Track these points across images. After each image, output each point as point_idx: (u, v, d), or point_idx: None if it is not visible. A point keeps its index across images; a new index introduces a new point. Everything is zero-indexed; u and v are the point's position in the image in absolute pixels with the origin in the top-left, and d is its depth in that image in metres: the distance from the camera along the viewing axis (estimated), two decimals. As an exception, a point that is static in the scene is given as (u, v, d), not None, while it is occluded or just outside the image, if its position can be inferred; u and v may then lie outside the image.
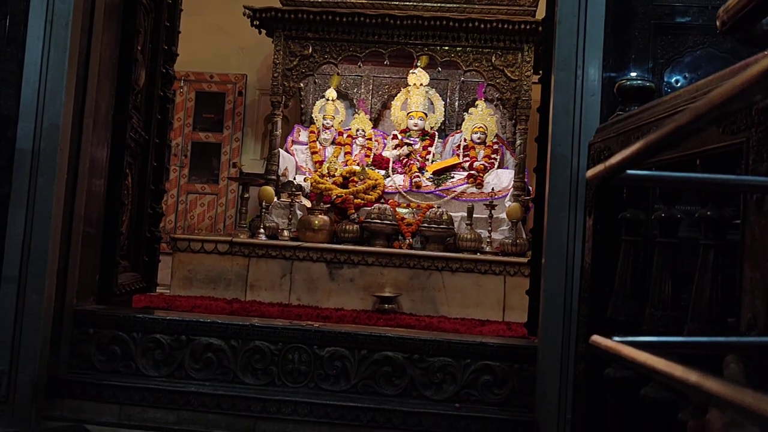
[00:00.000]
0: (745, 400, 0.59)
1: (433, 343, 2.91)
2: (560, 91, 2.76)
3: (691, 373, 0.71)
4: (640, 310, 1.86)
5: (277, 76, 6.45)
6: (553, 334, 2.66)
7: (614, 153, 2.11)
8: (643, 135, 1.82)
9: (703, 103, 0.72)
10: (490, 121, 6.74)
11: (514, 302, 4.94)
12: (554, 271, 2.70)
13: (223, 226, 7.85)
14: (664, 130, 0.80)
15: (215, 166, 8.07)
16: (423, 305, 5.09)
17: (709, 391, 0.67)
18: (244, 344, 2.97)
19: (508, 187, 6.17)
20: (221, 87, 8.12)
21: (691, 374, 0.71)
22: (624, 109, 2.25)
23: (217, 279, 5.24)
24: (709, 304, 1.50)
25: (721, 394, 0.64)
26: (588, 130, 2.61)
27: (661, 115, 1.73)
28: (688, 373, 0.72)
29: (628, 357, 0.93)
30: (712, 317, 1.49)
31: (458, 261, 5.17)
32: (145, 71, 3.80)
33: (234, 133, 8.04)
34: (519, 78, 6.26)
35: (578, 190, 2.62)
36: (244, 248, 5.28)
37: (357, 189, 6.06)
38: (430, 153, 6.77)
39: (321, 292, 5.15)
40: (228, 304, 4.49)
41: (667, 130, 0.79)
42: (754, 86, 0.61)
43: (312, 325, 3.03)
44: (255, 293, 5.18)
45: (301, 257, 5.22)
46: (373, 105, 7.49)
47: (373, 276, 5.17)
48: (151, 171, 3.97)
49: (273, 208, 5.98)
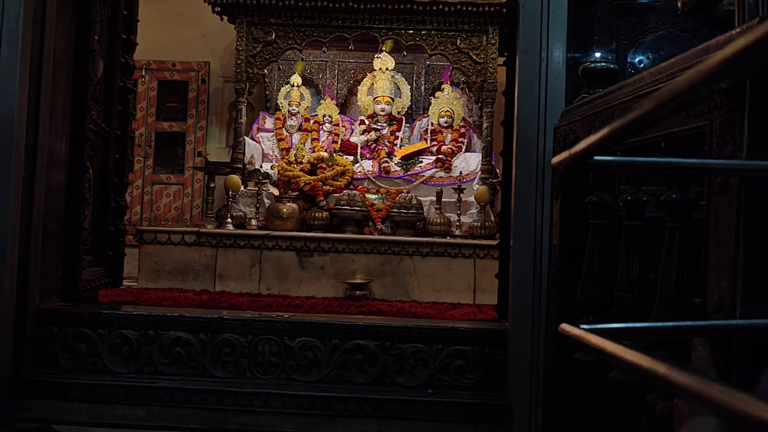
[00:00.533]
0: (713, 394, 0.59)
1: (404, 330, 2.91)
2: (525, 73, 2.75)
3: (659, 364, 0.70)
4: (609, 293, 1.87)
5: (240, 63, 6.36)
6: (523, 318, 2.67)
7: (579, 137, 2.11)
8: (607, 119, 1.82)
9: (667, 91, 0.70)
10: (456, 105, 6.73)
11: (485, 284, 4.96)
12: (523, 255, 2.71)
13: (190, 216, 7.76)
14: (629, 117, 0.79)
15: (180, 155, 7.96)
16: (395, 290, 5.09)
17: (677, 383, 0.66)
18: (214, 337, 2.93)
19: (475, 171, 6.17)
20: (184, 75, 7.98)
21: (658, 365, 0.70)
22: (589, 92, 2.25)
23: (185, 270, 5.17)
24: (675, 286, 1.51)
25: (689, 387, 0.63)
26: (554, 112, 2.61)
27: (626, 98, 1.73)
28: (656, 364, 0.71)
29: (596, 346, 0.92)
30: (679, 299, 1.49)
31: (428, 245, 5.17)
32: (104, 61, 3.71)
33: (198, 121, 7.92)
34: (484, 61, 6.25)
35: (545, 173, 2.62)
36: (212, 238, 5.21)
37: (325, 175, 6.02)
38: (397, 138, 6.74)
39: (291, 280, 5.12)
40: (197, 296, 4.43)
41: (631, 117, 0.78)
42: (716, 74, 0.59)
43: (282, 316, 3.00)
44: (224, 284, 5.13)
45: (270, 246, 5.17)
46: (339, 90, 7.43)
47: (344, 263, 5.15)
48: (113, 163, 3.89)
49: (240, 197, 5.91)
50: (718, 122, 1.27)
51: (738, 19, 1.55)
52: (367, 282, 5.03)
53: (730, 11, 1.64)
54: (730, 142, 1.24)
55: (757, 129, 1.20)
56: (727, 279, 1.26)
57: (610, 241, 1.96)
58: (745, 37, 0.57)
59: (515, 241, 2.74)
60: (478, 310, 4.22)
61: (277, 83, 7.35)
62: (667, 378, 0.68)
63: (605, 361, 0.94)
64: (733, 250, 1.24)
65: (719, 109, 1.27)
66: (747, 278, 1.21)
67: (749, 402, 0.53)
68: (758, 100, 1.20)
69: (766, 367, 0.78)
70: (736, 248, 1.23)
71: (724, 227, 1.27)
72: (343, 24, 6.38)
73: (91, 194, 3.59)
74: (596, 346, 0.91)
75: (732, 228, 1.24)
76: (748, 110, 1.20)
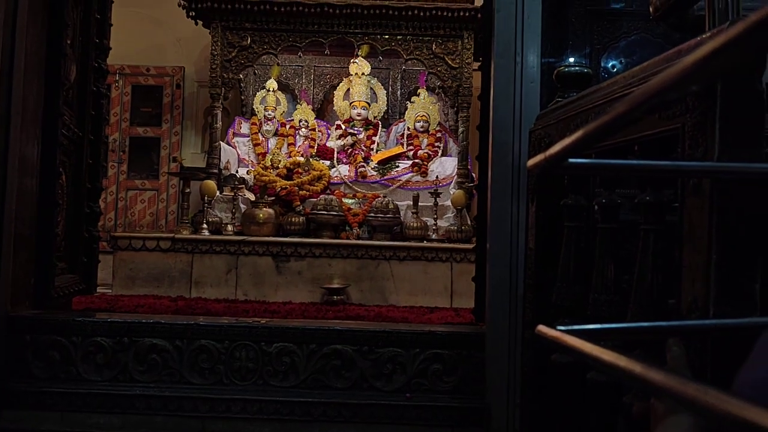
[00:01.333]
0: (688, 392, 0.59)
1: (382, 335, 2.91)
2: (500, 78, 2.77)
3: (635, 364, 0.71)
4: (585, 295, 1.88)
5: (215, 67, 6.31)
6: (499, 321, 2.68)
7: (554, 140, 2.13)
8: (581, 122, 1.84)
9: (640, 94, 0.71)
10: (432, 110, 6.75)
11: (462, 288, 4.97)
12: (499, 258, 2.72)
13: (165, 222, 7.68)
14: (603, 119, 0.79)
15: (155, 161, 7.88)
16: (372, 295, 5.08)
17: (653, 382, 0.66)
18: (190, 344, 2.90)
19: (452, 175, 6.20)
20: (158, 80, 7.92)
21: (635, 365, 0.71)
22: (563, 96, 2.27)
23: (160, 277, 5.12)
24: (650, 288, 1.53)
25: (665, 386, 0.64)
26: (529, 116, 2.63)
27: (599, 102, 1.75)
28: (632, 364, 0.72)
29: (573, 347, 0.93)
30: (653, 300, 1.51)
31: (405, 249, 5.17)
32: (76, 66, 3.66)
33: (173, 126, 7.86)
34: (460, 65, 6.28)
35: (520, 176, 2.64)
36: (187, 244, 5.17)
37: (302, 180, 6.00)
38: (374, 143, 6.74)
39: (268, 286, 5.09)
40: (172, 302, 4.39)
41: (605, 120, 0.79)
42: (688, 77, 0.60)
43: (259, 322, 2.98)
44: (200, 290, 5.09)
45: (246, 251, 5.14)
46: (315, 95, 7.42)
47: (321, 268, 5.14)
48: (87, 168, 3.84)
49: (216, 202, 5.87)
50: (690, 125, 1.29)
51: (708, 23, 1.57)
52: (344, 287, 5.02)
53: (701, 16, 1.66)
54: (702, 144, 1.26)
55: (727, 131, 1.22)
56: (701, 280, 1.28)
57: (585, 244, 1.98)
58: (716, 40, 0.58)
59: (492, 244, 2.76)
60: (455, 314, 4.23)
61: (253, 88, 7.31)
62: (644, 377, 0.68)
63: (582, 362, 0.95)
64: (706, 252, 1.25)
65: (691, 112, 1.29)
66: (720, 279, 1.23)
67: (724, 399, 0.54)
68: (729, 103, 1.22)
69: (740, 365, 0.79)
70: (709, 250, 1.25)
71: (697, 229, 1.29)
72: (319, 29, 6.37)
73: (64, 200, 3.54)
74: (573, 347, 0.92)
75: (705, 230, 1.26)
76: (719, 113, 1.22)
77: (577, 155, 1.04)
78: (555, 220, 2.15)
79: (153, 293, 5.00)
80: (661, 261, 1.51)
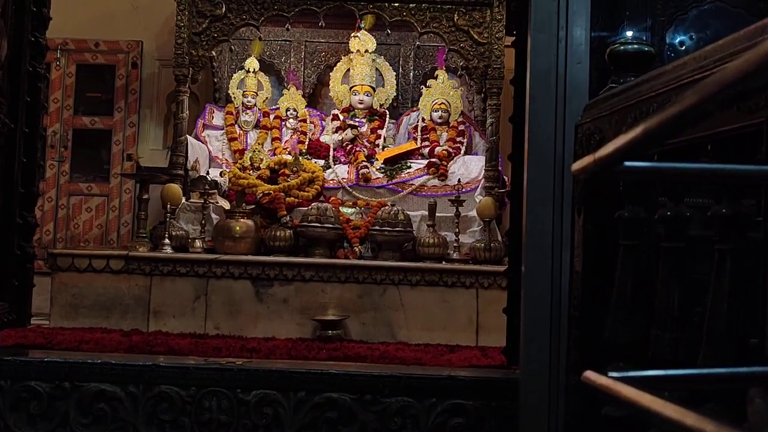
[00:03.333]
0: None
1: (389, 380, 2.91)
2: (539, 57, 2.77)
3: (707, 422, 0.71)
4: (644, 331, 1.88)
5: (181, 42, 6.34)
6: (537, 363, 2.68)
7: (606, 137, 2.13)
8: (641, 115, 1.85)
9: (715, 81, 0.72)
10: (453, 96, 6.77)
11: (490, 322, 4.95)
12: (537, 284, 2.72)
13: (117, 236, 7.70)
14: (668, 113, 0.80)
15: (105, 159, 7.90)
16: (376, 329, 5.07)
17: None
18: (147, 390, 2.91)
19: (478, 178, 6.20)
20: (110, 58, 7.95)
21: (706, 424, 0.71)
22: (618, 81, 2.28)
23: (110, 305, 5.12)
24: (727, 322, 1.53)
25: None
26: (575, 106, 2.63)
27: (664, 89, 1.75)
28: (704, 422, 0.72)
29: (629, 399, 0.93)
30: (731, 339, 1.51)
31: (419, 272, 5.16)
32: (8, 40, 3.69)
33: (128, 116, 7.89)
34: (488, 41, 6.29)
35: (564, 182, 2.64)
36: (145, 264, 5.17)
37: (289, 184, 6.01)
38: (380, 137, 6.76)
39: (246, 317, 5.09)
40: (126, 338, 4.39)
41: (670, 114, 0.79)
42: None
43: (234, 363, 2.99)
44: (160, 322, 5.09)
45: (218, 274, 5.14)
46: (306, 78, 7.44)
47: (312, 295, 5.13)
48: (20, 168, 3.87)
49: (181, 211, 5.89)
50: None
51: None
52: (341, 319, 5.01)
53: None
54: (792, 143, 1.26)
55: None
56: (791, 314, 1.27)
57: (645, 267, 1.98)
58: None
59: (528, 266, 2.75)
60: (481, 354, 4.22)
61: (228, 69, 7.34)
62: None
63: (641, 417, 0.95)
64: (797, 278, 1.25)
65: (779, 103, 1.29)
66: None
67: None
68: (826, 92, 1.22)
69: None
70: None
71: (786, 249, 1.29)
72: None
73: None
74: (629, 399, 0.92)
75: (796, 250, 1.26)
76: (814, 104, 1.22)
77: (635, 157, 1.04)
78: (607, 236, 2.15)
79: (101, 326, 4.99)
80: (740, 289, 1.51)
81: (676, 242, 1.76)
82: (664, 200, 1.86)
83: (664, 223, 1.77)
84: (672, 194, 1.79)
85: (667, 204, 1.78)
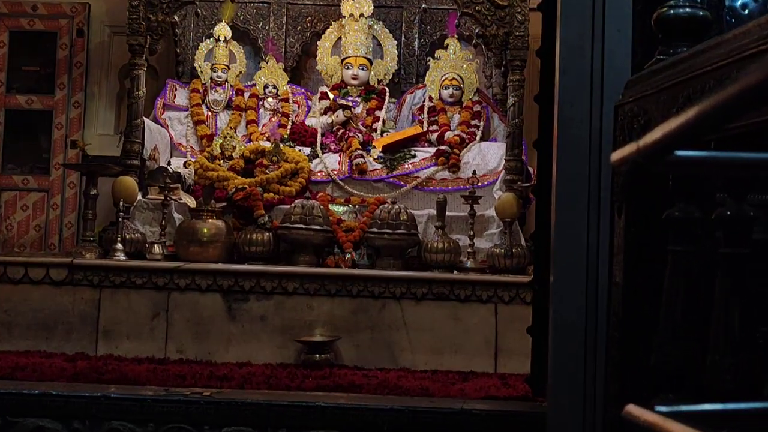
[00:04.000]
0: None
1: (389, 414, 2.91)
2: (571, 23, 2.78)
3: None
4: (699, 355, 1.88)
5: (136, 5, 6.34)
6: (568, 394, 2.68)
7: (653, 119, 2.13)
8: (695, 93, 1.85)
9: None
10: (467, 70, 6.76)
11: (511, 344, 4.96)
12: (568, 298, 2.72)
13: (59, 239, 7.69)
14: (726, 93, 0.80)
15: (44, 146, 7.88)
16: (374, 353, 5.07)
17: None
18: (95, 427, 2.91)
19: (497, 170, 6.19)
20: (49, 24, 7.93)
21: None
22: (667, 52, 2.27)
23: (51, 323, 5.12)
24: (799, 346, 1.53)
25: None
26: (614, 82, 2.63)
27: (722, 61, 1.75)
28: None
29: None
30: (804, 365, 1.51)
31: (425, 283, 5.16)
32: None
33: (72, 95, 7.87)
34: (509, 3, 6.29)
35: (601, 174, 2.64)
36: (93, 274, 5.17)
37: (267, 177, 6.00)
38: (378, 120, 6.75)
39: (215, 338, 5.09)
40: (70, 363, 4.39)
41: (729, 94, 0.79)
42: None
43: (201, 394, 2.99)
44: (112, 344, 5.09)
45: (182, 286, 5.14)
46: (288, 48, 7.43)
47: (296, 311, 5.13)
48: (-59, 159, 3.87)
49: (136, 210, 5.88)
50: None
51: None
52: (331, 340, 5.01)
53: None
54: None
55: None
56: None
57: (700, 277, 1.97)
58: None
59: (557, 276, 2.75)
60: (501, 383, 4.22)
61: (194, 37, 7.33)
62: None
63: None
64: None
65: None
66: None
67: None
68: None
69: None
70: None
71: None
72: (295, -53, 6.41)
73: None
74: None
75: None
76: None
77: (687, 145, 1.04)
78: (654, 241, 2.15)
79: (40, 348, 4.99)
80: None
81: (738, 248, 1.76)
82: (722, 197, 1.85)
83: (722, 224, 1.76)
84: (732, 190, 1.78)
85: (727, 201, 1.77)
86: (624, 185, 2.32)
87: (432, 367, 4.94)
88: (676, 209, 2.00)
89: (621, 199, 2.35)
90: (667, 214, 2.02)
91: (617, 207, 2.38)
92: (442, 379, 4.40)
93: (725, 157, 1.28)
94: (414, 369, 4.89)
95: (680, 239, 2.01)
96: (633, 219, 2.28)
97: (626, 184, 2.31)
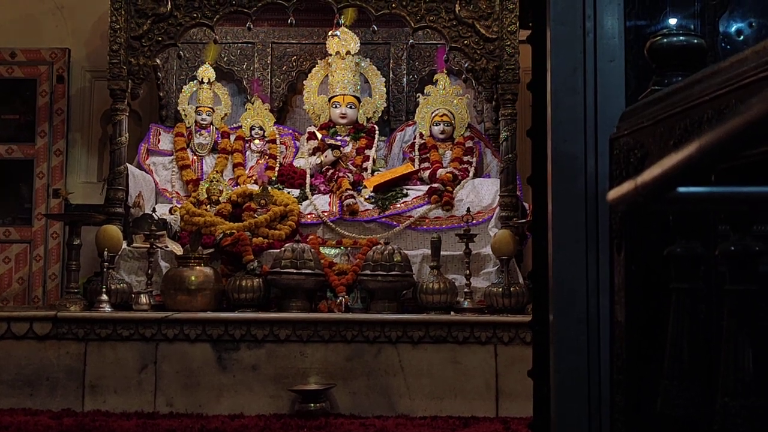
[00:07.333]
0: None
1: (386, 466, 2.86)
2: (561, 55, 2.76)
3: None
4: (708, 399, 1.84)
5: (117, 49, 6.35)
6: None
7: (650, 152, 2.11)
8: (693, 124, 1.82)
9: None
10: (458, 105, 6.78)
11: (512, 386, 4.94)
12: (569, 339, 2.68)
13: (43, 292, 7.65)
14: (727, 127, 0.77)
15: (25, 196, 7.87)
16: (370, 400, 5.05)
17: None
18: (81, 489, 2.86)
19: (491, 207, 6.19)
20: (29, 70, 7.94)
21: None
22: (662, 82, 2.26)
23: (35, 379, 5.10)
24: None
25: None
26: (608, 114, 2.62)
27: (720, 90, 1.73)
28: None
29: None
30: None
31: (422, 326, 5.15)
32: None
33: (53, 142, 7.87)
34: (498, 36, 6.30)
35: (599, 209, 2.62)
36: (78, 327, 5.15)
37: (256, 221, 6.00)
38: (368, 159, 6.76)
39: (206, 390, 5.06)
40: (55, 421, 4.37)
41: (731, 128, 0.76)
42: None
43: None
44: (98, 399, 5.06)
45: (170, 336, 5.12)
46: (274, 88, 7.46)
47: (288, 359, 5.11)
48: None
49: (121, 259, 5.87)
50: None
51: None
52: (326, 388, 4.98)
53: None
54: None
55: None
56: None
57: (705, 316, 1.95)
58: None
59: (557, 316, 2.72)
60: (503, 428, 4.19)
61: (177, 79, 7.35)
62: None
63: None
64: None
65: None
66: None
67: None
68: None
69: None
70: None
71: None
72: (278, -15, 6.43)
73: None
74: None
75: None
76: None
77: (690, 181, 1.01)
78: (656, 278, 2.12)
79: (24, 406, 4.97)
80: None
81: (744, 284, 1.73)
82: (725, 229, 1.82)
83: (727, 259, 1.74)
84: (735, 222, 1.75)
85: (730, 235, 1.74)
86: (622, 222, 2.30)
87: (431, 413, 4.91)
88: (677, 245, 1.98)
89: (620, 237, 2.33)
90: (669, 251, 2.00)
91: (616, 244, 2.36)
92: (443, 426, 4.37)
93: (730, 192, 1.26)
94: (413, 416, 4.87)
95: (683, 276, 1.98)
96: (633, 256, 2.26)
97: (624, 220, 2.29)
